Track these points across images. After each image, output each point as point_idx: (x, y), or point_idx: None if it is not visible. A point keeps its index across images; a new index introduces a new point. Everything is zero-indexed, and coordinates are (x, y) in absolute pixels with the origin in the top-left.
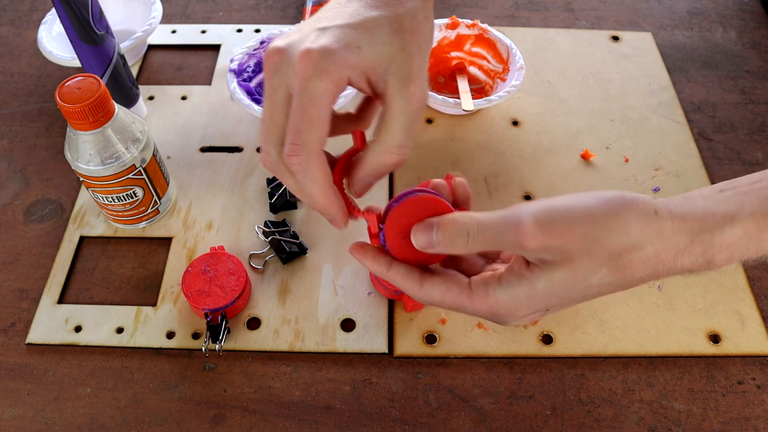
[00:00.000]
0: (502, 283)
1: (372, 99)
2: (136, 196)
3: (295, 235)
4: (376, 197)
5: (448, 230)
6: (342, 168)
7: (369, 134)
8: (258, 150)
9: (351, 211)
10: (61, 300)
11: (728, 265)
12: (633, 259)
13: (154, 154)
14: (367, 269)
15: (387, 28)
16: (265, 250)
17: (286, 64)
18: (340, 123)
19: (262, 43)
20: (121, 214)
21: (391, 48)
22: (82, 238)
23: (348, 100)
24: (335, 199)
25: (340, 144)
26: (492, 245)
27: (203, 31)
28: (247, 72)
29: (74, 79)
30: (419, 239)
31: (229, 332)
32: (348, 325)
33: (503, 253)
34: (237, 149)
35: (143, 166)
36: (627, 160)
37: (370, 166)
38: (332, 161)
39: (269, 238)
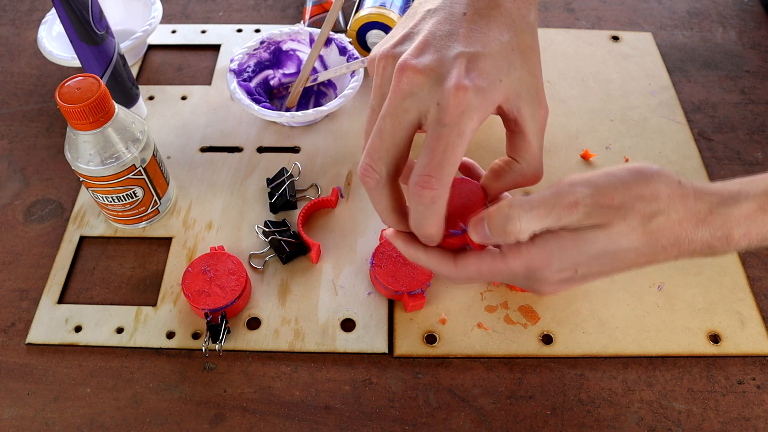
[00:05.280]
0: (535, 240)
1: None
2: (136, 196)
3: (295, 235)
4: None
5: (495, 222)
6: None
7: None
8: (258, 150)
9: None
10: (61, 300)
11: (746, 244)
12: (660, 224)
13: (154, 154)
14: (404, 255)
15: (517, 52)
16: (265, 250)
17: (428, 90)
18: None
19: (261, 43)
20: (121, 214)
21: (521, 73)
22: (82, 238)
23: (347, 99)
24: (441, 229)
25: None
26: (543, 223)
27: (203, 31)
28: (247, 72)
29: (74, 79)
30: (477, 236)
31: (229, 332)
32: (348, 325)
33: None
34: (237, 149)
35: (143, 166)
36: (627, 160)
37: (517, 184)
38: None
39: (269, 238)
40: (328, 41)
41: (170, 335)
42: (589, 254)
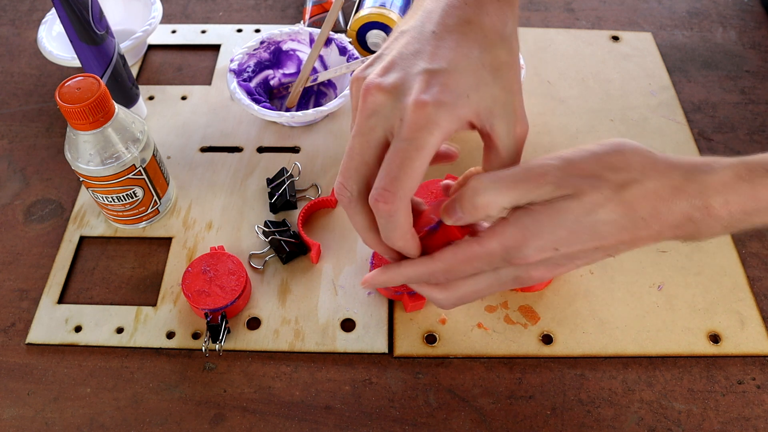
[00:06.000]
0: (509, 218)
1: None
2: (136, 196)
3: (295, 235)
4: None
5: (464, 199)
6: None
7: None
8: (258, 150)
9: None
10: (61, 300)
11: (727, 215)
12: (635, 194)
13: (154, 154)
14: (387, 285)
15: (488, 68)
16: (265, 250)
17: (390, 107)
18: None
19: (261, 43)
20: (121, 214)
21: (494, 89)
22: (82, 238)
23: (347, 99)
24: (412, 241)
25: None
26: (512, 195)
27: (203, 31)
28: (247, 72)
29: (74, 79)
30: (450, 218)
31: (229, 332)
32: (348, 325)
33: None
34: (237, 149)
35: (143, 166)
36: None
37: None
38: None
39: (269, 238)
40: (328, 41)
41: (170, 335)
42: (565, 227)
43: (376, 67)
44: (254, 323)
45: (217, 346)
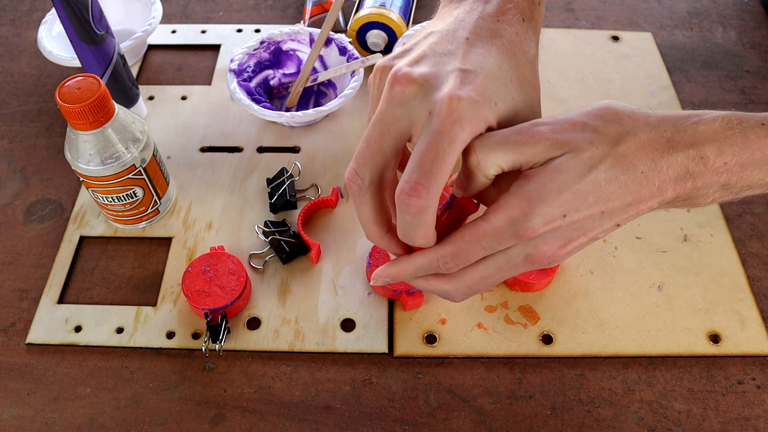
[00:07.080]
0: (510, 189)
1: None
2: (136, 196)
3: (295, 235)
4: None
5: (461, 163)
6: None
7: None
8: (258, 150)
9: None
10: (61, 300)
11: (723, 165)
12: (630, 147)
13: (154, 154)
14: (396, 279)
15: (515, 82)
16: (265, 250)
17: (419, 99)
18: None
19: (261, 43)
20: (121, 214)
21: (518, 104)
22: (82, 238)
23: (347, 99)
24: (433, 238)
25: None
26: (505, 151)
27: (203, 31)
28: (247, 72)
29: (74, 79)
30: (457, 188)
31: (229, 332)
32: (348, 325)
33: None
34: (237, 149)
35: (143, 166)
36: None
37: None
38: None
39: (269, 238)
40: (328, 41)
41: (170, 335)
42: (567, 188)
43: (404, 58)
44: (254, 323)
45: (217, 346)
